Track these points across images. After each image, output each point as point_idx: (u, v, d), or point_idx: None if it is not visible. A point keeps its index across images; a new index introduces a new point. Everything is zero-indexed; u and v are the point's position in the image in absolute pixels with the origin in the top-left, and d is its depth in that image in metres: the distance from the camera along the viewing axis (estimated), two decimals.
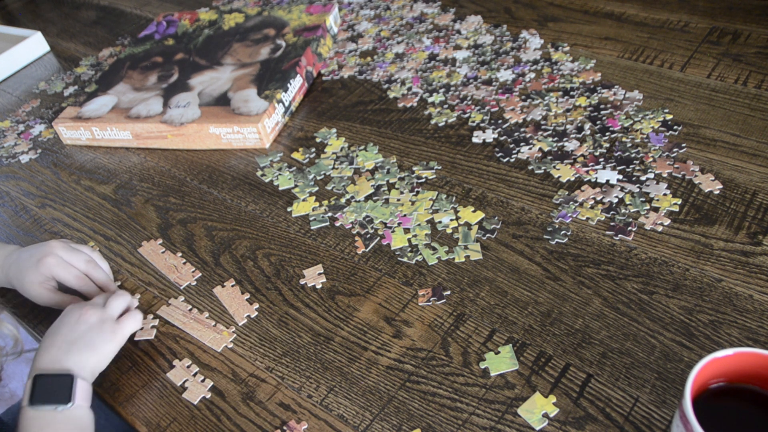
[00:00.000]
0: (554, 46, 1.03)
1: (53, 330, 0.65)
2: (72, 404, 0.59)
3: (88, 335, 0.64)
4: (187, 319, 0.72)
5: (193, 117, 0.96)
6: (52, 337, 0.64)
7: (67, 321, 0.65)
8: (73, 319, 0.65)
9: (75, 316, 0.65)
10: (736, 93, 0.87)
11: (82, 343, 0.63)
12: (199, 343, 0.69)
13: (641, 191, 0.76)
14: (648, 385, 0.58)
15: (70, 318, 0.65)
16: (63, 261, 0.71)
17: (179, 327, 0.71)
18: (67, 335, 0.64)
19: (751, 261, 0.67)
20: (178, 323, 0.72)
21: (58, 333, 0.64)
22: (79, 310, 0.66)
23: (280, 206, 0.84)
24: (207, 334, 0.70)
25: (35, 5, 1.59)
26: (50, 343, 0.63)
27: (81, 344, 0.63)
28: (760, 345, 0.59)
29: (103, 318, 0.66)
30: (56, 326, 0.65)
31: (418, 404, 0.60)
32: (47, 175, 0.99)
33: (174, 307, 0.74)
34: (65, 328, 0.64)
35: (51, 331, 0.65)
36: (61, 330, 0.64)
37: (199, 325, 0.71)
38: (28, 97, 1.20)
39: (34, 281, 0.71)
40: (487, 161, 0.85)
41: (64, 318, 0.66)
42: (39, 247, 0.73)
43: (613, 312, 0.64)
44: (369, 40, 1.15)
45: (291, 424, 0.61)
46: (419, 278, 0.71)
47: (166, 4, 1.45)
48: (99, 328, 0.65)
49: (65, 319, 0.65)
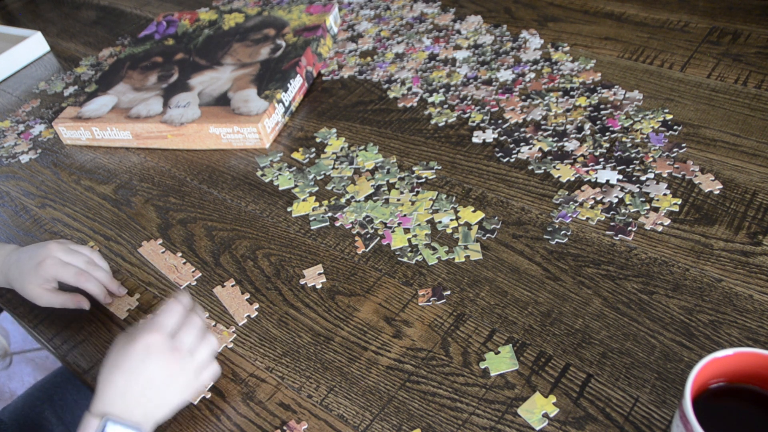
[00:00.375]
0: (554, 46, 1.03)
1: (127, 373, 0.57)
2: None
3: (167, 390, 0.58)
4: None
5: (193, 117, 0.96)
6: (127, 381, 0.56)
7: (149, 369, 0.57)
8: (156, 367, 0.57)
9: (159, 363, 0.57)
10: (736, 93, 0.87)
11: (160, 402, 0.57)
12: None
13: (641, 191, 0.76)
14: (648, 385, 0.58)
15: (152, 365, 0.57)
16: (62, 262, 0.71)
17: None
18: (146, 387, 0.56)
19: (751, 261, 0.67)
20: None
21: (136, 380, 0.56)
22: (163, 356, 0.57)
23: (280, 206, 0.84)
24: None
25: (35, 5, 1.59)
26: (126, 387, 0.56)
27: (159, 402, 0.57)
28: (760, 345, 0.59)
29: (184, 368, 0.58)
30: (132, 369, 0.57)
31: (418, 404, 0.60)
32: (47, 175, 0.99)
33: None
34: (143, 377, 0.56)
35: (123, 371, 0.57)
36: (140, 378, 0.56)
37: None
38: (28, 97, 1.20)
39: (34, 284, 0.71)
40: (487, 161, 0.85)
41: (145, 362, 0.57)
42: (38, 249, 0.72)
43: (613, 312, 0.64)
44: (369, 40, 1.15)
45: (291, 424, 0.61)
46: (419, 278, 0.71)
47: (166, 4, 1.45)
48: (179, 381, 0.58)
49: (147, 365, 0.57)
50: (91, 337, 0.73)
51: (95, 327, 0.74)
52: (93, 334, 0.73)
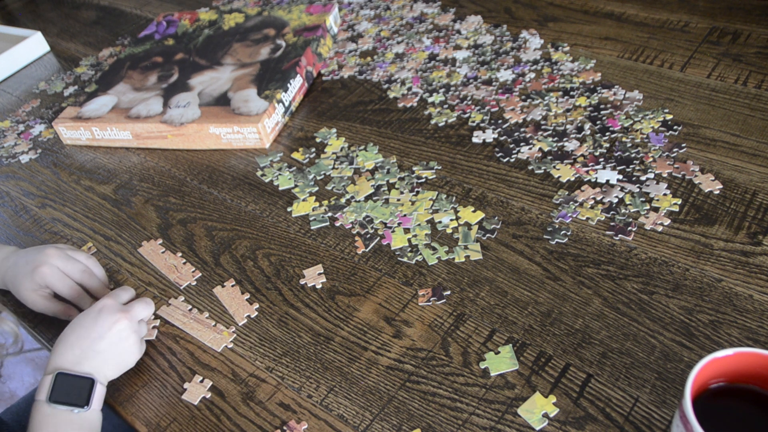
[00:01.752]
0: (554, 46, 1.03)
1: (82, 327, 0.63)
2: (88, 408, 0.59)
3: (118, 347, 0.63)
4: (187, 319, 0.72)
5: (193, 117, 0.96)
6: (79, 336, 0.63)
7: (100, 324, 0.63)
8: (107, 324, 0.63)
9: (109, 321, 0.63)
10: (736, 93, 0.87)
11: (110, 354, 0.63)
12: (199, 343, 0.69)
13: (641, 191, 0.76)
14: (648, 385, 0.58)
15: (104, 322, 0.63)
16: (58, 271, 0.71)
17: (179, 327, 0.71)
18: (96, 340, 0.62)
19: (751, 261, 0.67)
20: (178, 323, 0.72)
21: (87, 335, 0.62)
22: (113, 316, 0.64)
23: (280, 206, 0.84)
24: (207, 334, 0.70)
25: (35, 5, 1.59)
26: (76, 342, 0.62)
27: (109, 354, 0.63)
28: (760, 345, 0.59)
29: (133, 329, 0.65)
30: (87, 325, 0.63)
31: (418, 404, 0.60)
32: (47, 175, 0.99)
33: (174, 307, 0.74)
34: (96, 331, 0.63)
35: (78, 327, 0.63)
36: (92, 333, 0.63)
37: (199, 325, 0.71)
38: (28, 97, 1.20)
39: (28, 288, 0.71)
40: (487, 161, 0.85)
41: (98, 319, 0.63)
42: (35, 254, 0.72)
43: (613, 312, 0.64)
44: (369, 40, 1.15)
45: (291, 424, 0.61)
46: (419, 278, 0.71)
47: (166, 4, 1.45)
48: (128, 341, 0.64)
49: (100, 321, 0.63)
50: None
51: None
52: None
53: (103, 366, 0.62)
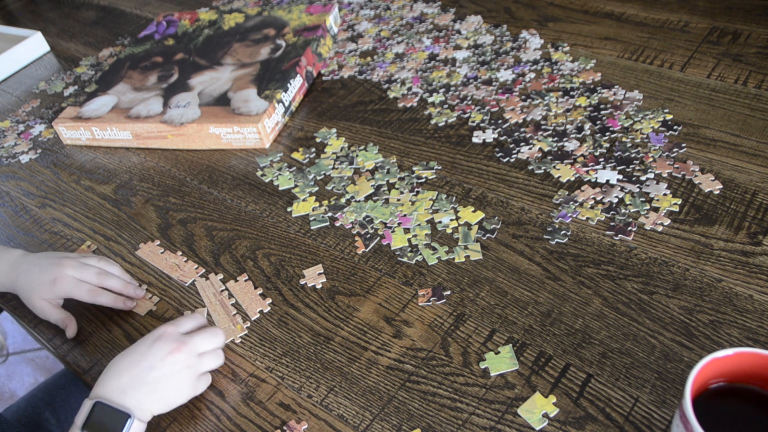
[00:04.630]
0: (554, 46, 1.03)
1: (135, 353, 0.60)
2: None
3: (168, 380, 0.59)
4: (215, 299, 0.73)
5: (193, 117, 0.96)
6: (130, 363, 0.59)
7: (154, 353, 0.59)
8: (161, 354, 0.59)
9: (165, 350, 0.59)
10: (736, 93, 0.87)
11: (159, 386, 0.59)
12: None
13: (641, 191, 0.76)
14: (648, 385, 0.58)
15: (158, 352, 0.59)
16: (74, 280, 0.71)
17: (205, 304, 0.73)
18: (146, 370, 0.58)
19: (751, 261, 0.67)
20: (206, 300, 0.73)
21: (138, 363, 0.59)
22: (170, 345, 0.60)
23: (280, 206, 0.84)
24: (223, 322, 0.71)
25: (35, 5, 1.59)
26: (125, 370, 0.59)
27: (158, 386, 0.59)
28: (760, 345, 0.59)
29: (189, 365, 0.60)
30: (140, 351, 0.60)
31: (418, 404, 0.60)
32: (47, 175, 0.99)
33: (211, 283, 0.75)
34: (148, 361, 0.59)
35: (132, 353, 0.60)
36: (144, 361, 0.59)
37: (222, 310, 0.72)
38: (28, 97, 1.20)
39: (44, 299, 0.72)
40: (487, 161, 0.85)
41: (154, 346, 0.60)
42: (51, 267, 0.72)
43: (613, 312, 0.64)
44: (369, 40, 1.15)
45: (291, 424, 0.61)
46: (419, 278, 0.71)
47: (166, 4, 1.45)
48: (181, 375, 0.60)
49: (154, 349, 0.59)
50: (91, 337, 0.73)
51: (95, 327, 0.74)
52: (93, 334, 0.73)
53: (148, 399, 0.58)
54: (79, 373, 0.70)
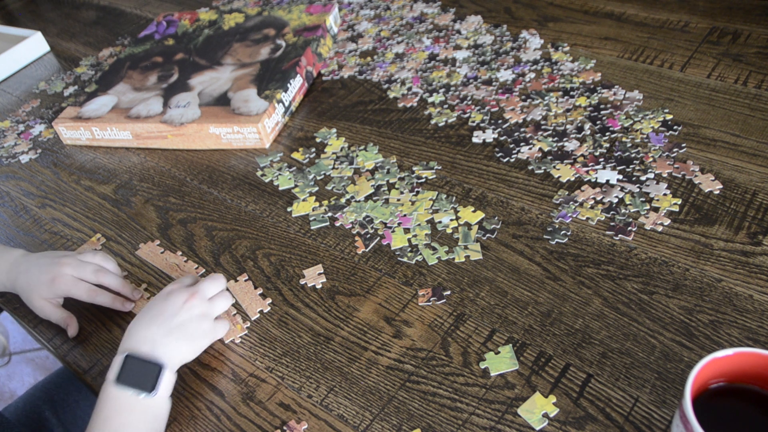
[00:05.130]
0: (554, 46, 1.03)
1: (156, 308, 0.63)
2: (155, 394, 0.58)
3: (189, 326, 0.63)
4: None
5: (193, 117, 0.96)
6: (153, 316, 0.62)
7: (171, 303, 0.63)
8: (179, 303, 0.63)
9: (180, 299, 0.63)
10: (736, 93, 0.87)
11: (180, 333, 0.62)
12: None
13: (641, 191, 0.76)
14: (648, 385, 0.58)
15: (175, 301, 0.63)
16: (72, 278, 0.72)
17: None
18: (169, 319, 0.62)
19: (751, 261, 0.67)
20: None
21: (160, 313, 0.62)
22: (184, 295, 0.64)
23: (280, 206, 0.84)
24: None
25: (35, 5, 1.59)
26: (151, 322, 0.62)
27: (179, 334, 0.62)
28: (760, 345, 0.59)
29: (205, 311, 0.64)
30: (159, 305, 0.63)
31: (418, 404, 0.60)
32: (47, 175, 0.99)
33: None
34: (168, 311, 0.62)
35: (150, 309, 0.63)
36: (165, 312, 0.62)
37: None
38: (28, 97, 1.20)
39: (43, 298, 0.72)
40: (487, 161, 0.85)
41: (168, 298, 0.64)
42: (50, 266, 0.72)
43: (613, 312, 0.64)
44: (369, 40, 1.15)
45: (291, 424, 0.61)
46: (419, 278, 0.71)
47: (166, 4, 1.45)
48: (200, 320, 0.64)
49: (170, 301, 0.63)
50: (91, 337, 0.73)
51: (95, 327, 0.74)
52: (93, 334, 0.73)
53: (177, 347, 0.62)
54: (79, 373, 0.70)
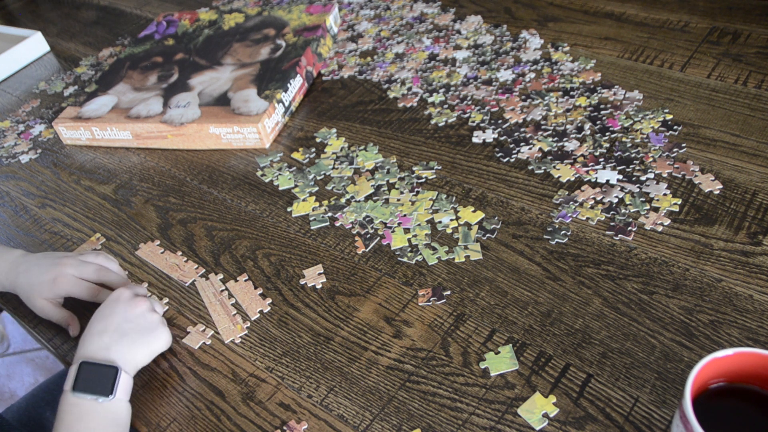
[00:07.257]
0: (554, 46, 1.03)
1: (104, 314, 0.64)
2: (113, 397, 0.59)
3: (141, 329, 0.64)
4: (215, 299, 0.73)
5: (193, 117, 0.96)
6: (102, 322, 0.63)
7: (121, 309, 0.64)
8: (128, 307, 0.64)
9: (130, 305, 0.64)
10: (736, 93, 0.87)
11: (133, 336, 0.63)
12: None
13: (641, 191, 0.76)
14: (648, 385, 0.58)
15: (125, 306, 0.64)
16: (74, 278, 0.72)
17: (205, 305, 0.73)
18: (119, 324, 0.63)
19: (751, 261, 0.67)
20: (206, 300, 0.73)
21: (109, 319, 0.63)
22: (132, 300, 0.65)
23: (280, 206, 0.84)
24: (223, 322, 0.71)
25: (35, 5, 1.59)
26: (101, 329, 0.63)
27: (132, 337, 0.63)
28: (760, 345, 0.59)
29: (154, 315, 0.66)
30: (107, 311, 0.64)
31: (418, 404, 0.60)
32: (47, 175, 0.99)
33: (210, 283, 0.75)
34: (118, 316, 0.63)
35: (101, 315, 0.64)
36: (114, 317, 0.63)
37: (222, 310, 0.72)
38: (28, 97, 1.20)
39: (44, 298, 0.72)
40: (487, 161, 0.85)
41: (117, 305, 0.64)
42: (51, 267, 0.72)
43: (613, 312, 0.64)
44: (369, 40, 1.15)
45: (291, 424, 0.61)
46: (419, 278, 0.71)
47: (166, 4, 1.45)
48: (151, 324, 0.65)
49: (119, 306, 0.64)
50: None
51: None
52: None
53: (131, 351, 0.62)
54: None
